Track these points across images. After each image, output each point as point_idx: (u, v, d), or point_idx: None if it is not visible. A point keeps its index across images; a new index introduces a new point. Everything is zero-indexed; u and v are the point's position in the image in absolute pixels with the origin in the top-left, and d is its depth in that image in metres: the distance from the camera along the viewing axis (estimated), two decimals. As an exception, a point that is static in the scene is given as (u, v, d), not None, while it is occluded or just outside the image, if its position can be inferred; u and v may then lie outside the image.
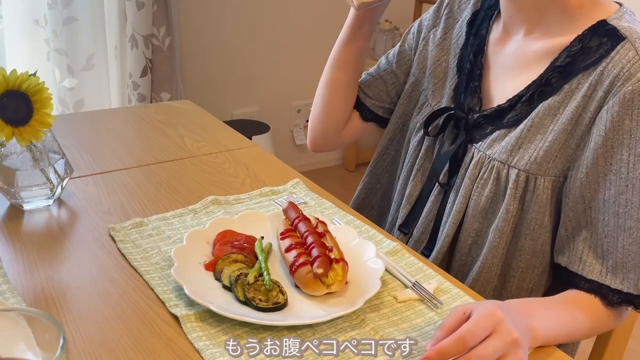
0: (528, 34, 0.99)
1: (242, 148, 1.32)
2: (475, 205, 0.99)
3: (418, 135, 1.11)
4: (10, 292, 0.83)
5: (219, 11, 2.75)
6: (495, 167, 0.97)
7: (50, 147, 1.05)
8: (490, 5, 1.09)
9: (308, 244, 0.87)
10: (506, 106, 0.98)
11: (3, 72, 0.96)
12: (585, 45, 0.92)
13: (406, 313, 0.85)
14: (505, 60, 1.02)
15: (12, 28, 2.23)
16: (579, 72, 0.91)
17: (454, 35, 1.12)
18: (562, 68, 0.93)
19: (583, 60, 0.91)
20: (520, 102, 0.97)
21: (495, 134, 0.98)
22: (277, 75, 3.00)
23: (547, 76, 0.94)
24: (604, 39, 0.91)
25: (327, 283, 0.83)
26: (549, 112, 0.93)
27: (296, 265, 0.85)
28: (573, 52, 0.93)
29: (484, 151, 0.99)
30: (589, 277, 0.91)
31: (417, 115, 1.13)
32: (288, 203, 0.98)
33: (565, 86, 0.92)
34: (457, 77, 1.08)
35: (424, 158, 1.09)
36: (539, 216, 0.95)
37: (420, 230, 1.08)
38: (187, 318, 0.80)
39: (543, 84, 0.95)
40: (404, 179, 1.14)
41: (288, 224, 0.94)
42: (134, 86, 2.45)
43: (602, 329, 0.95)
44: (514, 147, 0.95)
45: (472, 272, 1.01)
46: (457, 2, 1.15)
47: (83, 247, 0.96)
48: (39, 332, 0.54)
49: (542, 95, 0.94)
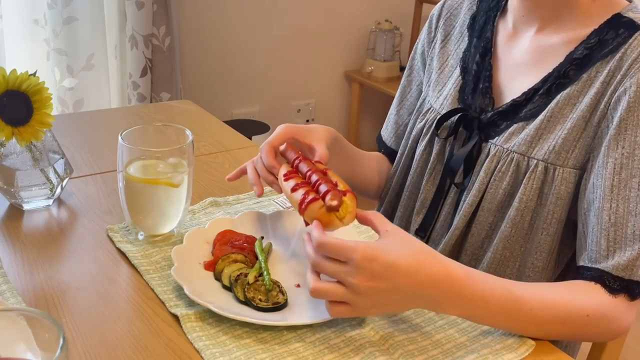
0: (540, 30, 1.00)
1: (242, 148, 1.32)
2: (492, 199, 0.98)
3: (425, 140, 1.09)
4: (10, 292, 0.83)
5: (219, 11, 2.75)
6: (515, 159, 0.96)
7: (50, 147, 1.06)
8: (491, 7, 1.09)
9: (313, 181, 0.83)
10: (522, 100, 0.98)
11: (3, 72, 0.96)
12: (603, 37, 0.93)
13: (406, 313, 0.85)
14: (518, 57, 1.02)
15: (12, 28, 2.23)
16: (597, 61, 0.92)
17: (454, 41, 1.12)
18: (580, 60, 0.94)
19: (600, 51, 0.92)
20: (538, 95, 0.96)
21: (513, 128, 0.97)
22: (277, 75, 3.00)
23: (564, 68, 0.95)
24: (620, 29, 0.92)
25: (339, 217, 0.80)
26: (569, 101, 0.93)
27: (306, 203, 0.81)
28: (591, 44, 0.94)
29: (502, 145, 0.98)
30: (593, 265, 0.87)
31: (421, 122, 1.11)
32: (285, 145, 0.93)
33: (583, 75, 0.93)
34: (462, 79, 1.07)
35: (436, 161, 1.07)
36: (557, 209, 0.93)
37: (440, 233, 1.07)
38: (187, 318, 0.80)
39: (561, 76, 0.95)
40: (414, 185, 1.12)
41: (289, 167, 0.90)
42: (133, 86, 2.45)
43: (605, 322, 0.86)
44: (534, 138, 0.95)
45: (482, 265, 1.00)
46: (447, 10, 1.15)
47: (83, 247, 0.96)
48: (38, 332, 0.54)
49: (561, 87, 0.95)
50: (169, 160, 0.94)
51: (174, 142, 0.95)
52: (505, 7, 1.07)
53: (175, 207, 0.95)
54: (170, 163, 0.94)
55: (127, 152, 0.92)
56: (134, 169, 0.93)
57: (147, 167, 0.94)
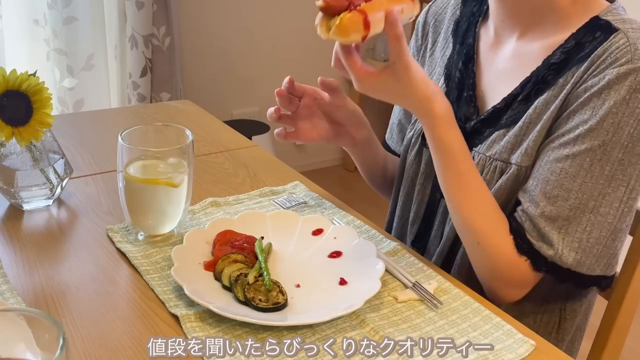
0: (522, 35, 0.99)
1: (242, 148, 1.32)
2: None
3: (414, 150, 1.09)
4: (10, 292, 0.83)
5: (219, 11, 2.75)
6: (498, 167, 0.96)
7: (50, 147, 1.05)
8: (473, 12, 1.08)
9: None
10: (502, 106, 0.98)
11: (3, 72, 0.96)
12: (579, 41, 0.92)
13: (406, 313, 0.85)
14: (500, 64, 1.01)
15: (12, 28, 2.23)
16: (574, 65, 0.91)
17: (440, 47, 1.11)
18: (557, 64, 0.93)
19: (577, 54, 0.91)
20: (517, 101, 0.96)
21: (494, 135, 0.97)
22: (277, 75, 2.98)
23: (542, 73, 0.94)
24: (597, 33, 0.91)
25: (330, 24, 0.80)
26: (546, 106, 0.93)
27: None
28: (567, 48, 0.93)
29: (484, 153, 0.98)
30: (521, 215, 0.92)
31: (410, 131, 1.11)
32: None
33: (560, 80, 0.92)
34: (446, 86, 1.07)
35: (425, 172, 1.07)
36: None
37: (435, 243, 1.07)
38: (187, 318, 0.80)
39: (539, 82, 0.94)
40: (407, 195, 1.12)
41: None
42: (133, 86, 2.45)
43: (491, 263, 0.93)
44: (514, 145, 0.95)
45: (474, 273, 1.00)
46: (432, 17, 1.14)
47: (83, 247, 0.96)
48: (38, 332, 0.54)
49: (539, 92, 0.94)
50: (169, 160, 0.94)
51: (174, 142, 0.95)
52: (487, 12, 1.06)
53: (175, 207, 0.95)
54: (170, 163, 0.94)
55: (127, 152, 0.92)
56: (134, 169, 0.93)
57: (147, 167, 0.94)
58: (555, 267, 0.90)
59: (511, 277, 0.93)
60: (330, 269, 0.91)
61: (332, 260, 0.93)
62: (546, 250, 0.89)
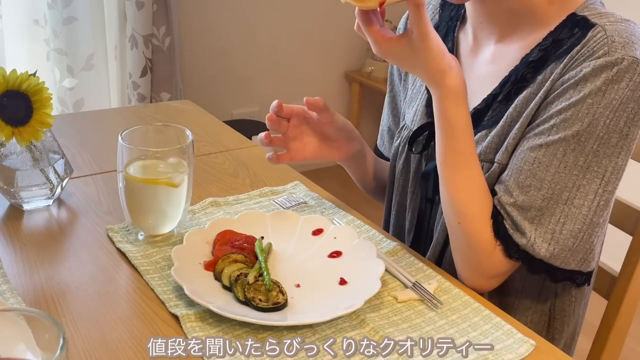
0: (501, 38, 0.98)
1: (242, 148, 1.32)
2: None
3: (402, 158, 1.09)
4: (10, 292, 0.83)
5: (218, 11, 2.75)
6: (484, 167, 0.95)
7: (50, 147, 1.06)
8: (451, 16, 1.07)
9: None
10: (482, 107, 0.98)
11: (3, 72, 0.96)
12: (557, 38, 0.92)
13: (406, 313, 0.85)
14: (480, 68, 1.01)
15: (11, 28, 2.23)
16: (552, 62, 0.91)
17: None
18: (535, 62, 0.93)
19: (555, 51, 0.91)
20: (497, 102, 0.96)
21: (477, 136, 0.97)
22: (277, 75, 3.00)
23: (521, 72, 0.94)
24: (575, 29, 0.91)
25: None
26: (526, 104, 0.93)
27: None
28: (545, 45, 0.93)
29: None
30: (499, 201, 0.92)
31: (397, 140, 1.11)
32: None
33: (539, 77, 0.92)
34: (427, 92, 1.06)
35: (415, 178, 1.07)
36: None
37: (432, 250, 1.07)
38: (187, 318, 0.80)
39: (519, 80, 0.94)
40: (399, 203, 1.12)
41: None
42: (133, 86, 2.45)
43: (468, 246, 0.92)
44: (498, 145, 0.95)
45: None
46: None
47: (83, 247, 0.96)
48: (38, 332, 0.54)
49: (519, 90, 0.94)
50: (169, 160, 0.94)
51: (174, 142, 0.95)
52: (465, 16, 1.05)
53: (175, 207, 0.95)
54: (170, 163, 0.94)
55: (127, 152, 0.92)
56: (134, 169, 0.93)
57: (147, 167, 0.94)
58: (527, 256, 0.89)
59: (485, 263, 0.91)
60: (330, 269, 0.91)
61: (332, 260, 0.93)
62: (519, 238, 0.89)
